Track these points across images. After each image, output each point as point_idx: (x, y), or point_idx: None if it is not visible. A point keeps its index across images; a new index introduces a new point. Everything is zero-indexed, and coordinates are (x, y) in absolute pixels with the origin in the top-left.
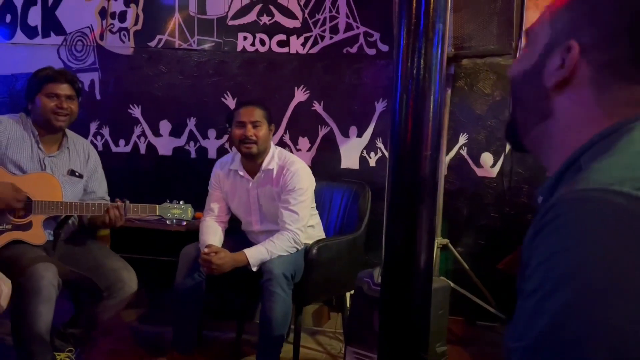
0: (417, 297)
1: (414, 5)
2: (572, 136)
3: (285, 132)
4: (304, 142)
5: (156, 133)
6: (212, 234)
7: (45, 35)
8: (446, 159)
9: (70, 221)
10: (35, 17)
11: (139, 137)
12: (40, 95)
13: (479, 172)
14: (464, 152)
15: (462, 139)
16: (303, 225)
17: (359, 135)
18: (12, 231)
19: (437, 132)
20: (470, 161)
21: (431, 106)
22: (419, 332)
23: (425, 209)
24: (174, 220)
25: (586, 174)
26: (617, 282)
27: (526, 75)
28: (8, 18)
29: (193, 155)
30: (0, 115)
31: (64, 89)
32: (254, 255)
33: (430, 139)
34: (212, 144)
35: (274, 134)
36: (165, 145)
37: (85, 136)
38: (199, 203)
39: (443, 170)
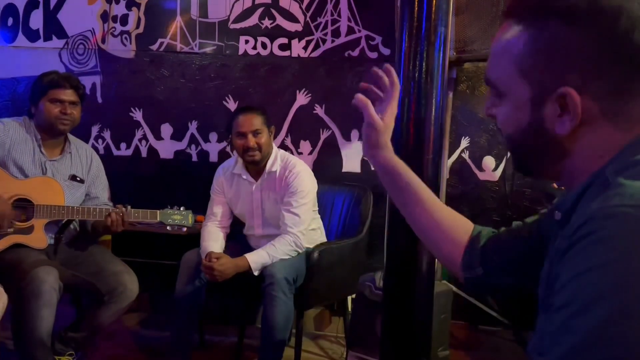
0: (419, 301)
1: (416, 8)
2: (595, 162)
3: (287, 136)
4: (305, 145)
5: (157, 136)
6: (214, 240)
7: (47, 38)
8: (448, 162)
9: (71, 225)
10: (37, 20)
11: (140, 140)
12: (45, 100)
13: (481, 175)
14: (465, 155)
15: (464, 143)
16: (304, 228)
17: (361, 138)
18: (13, 235)
19: (439, 136)
20: (472, 165)
21: (433, 110)
22: (421, 336)
23: None
24: (175, 227)
25: (620, 189)
26: None
27: (525, 132)
28: (10, 21)
29: (194, 158)
30: (3, 118)
31: (69, 94)
32: (256, 259)
33: (432, 142)
34: (213, 148)
35: (274, 135)
36: (166, 148)
37: (87, 139)
38: (200, 206)
39: (445, 174)
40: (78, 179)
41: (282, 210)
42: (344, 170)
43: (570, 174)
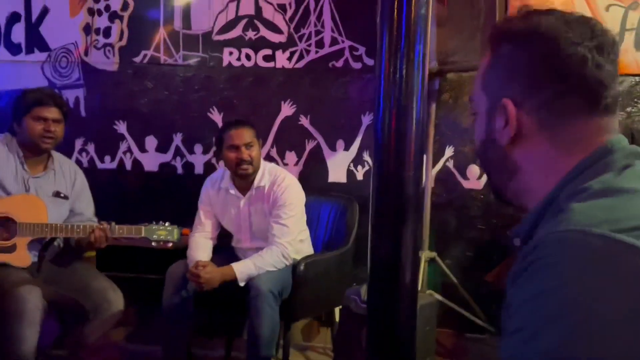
0: (403, 313)
1: (395, 27)
2: (543, 181)
3: (272, 147)
4: (291, 156)
5: (142, 149)
6: (201, 250)
7: (29, 51)
8: (433, 171)
9: (55, 242)
10: (19, 33)
11: (124, 153)
12: (28, 117)
13: (466, 184)
14: (450, 164)
15: (449, 152)
16: (292, 238)
17: (346, 148)
18: None
19: (419, 153)
20: (457, 173)
21: (413, 128)
22: (405, 348)
23: (409, 228)
24: (161, 242)
25: (568, 214)
26: (599, 324)
27: (483, 144)
28: None
29: (180, 170)
30: None
31: (53, 112)
32: (242, 269)
33: (413, 158)
34: (198, 159)
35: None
36: (151, 161)
37: (71, 153)
38: (186, 218)
39: (430, 183)
40: (62, 195)
41: (271, 222)
42: (330, 180)
43: (524, 192)
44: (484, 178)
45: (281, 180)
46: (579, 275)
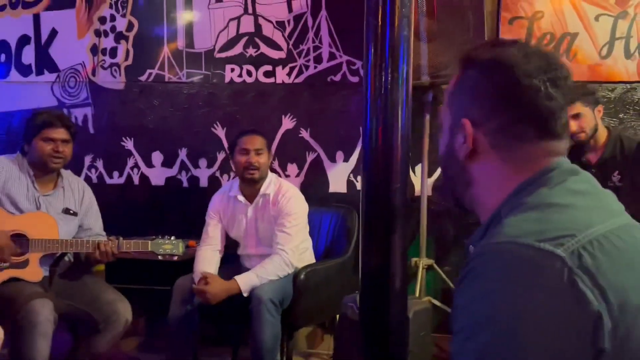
0: (394, 320)
1: (379, 48)
2: (493, 195)
3: (274, 159)
4: (292, 168)
5: (149, 164)
6: (208, 262)
7: (39, 72)
8: (430, 180)
9: (66, 257)
10: (29, 55)
11: (132, 168)
12: (37, 138)
13: None
14: None
15: None
16: (295, 245)
17: (346, 159)
18: (9, 269)
19: (404, 166)
20: None
21: (399, 143)
22: (398, 352)
23: (398, 237)
24: (166, 256)
25: (502, 227)
26: (523, 325)
27: (445, 156)
28: (2, 57)
29: (185, 184)
30: None
31: (61, 133)
32: (246, 281)
33: (399, 172)
34: (203, 173)
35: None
36: (157, 175)
37: (80, 169)
38: (191, 230)
39: (426, 192)
40: (71, 212)
41: (275, 231)
42: (330, 190)
43: (477, 205)
44: None
45: (285, 190)
46: (504, 282)
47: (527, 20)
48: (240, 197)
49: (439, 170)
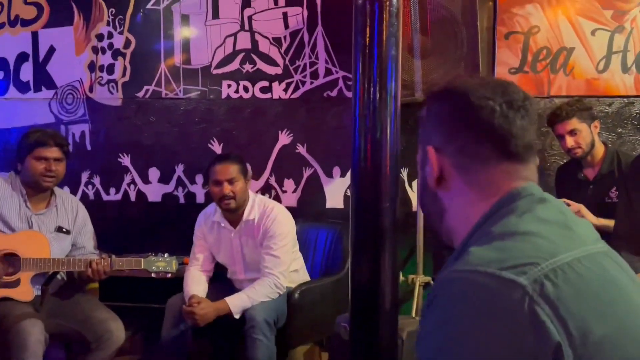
0: (384, 341)
1: (367, 67)
2: (463, 223)
3: (270, 175)
4: (289, 183)
5: (145, 180)
6: (196, 284)
7: (37, 89)
8: None
9: (58, 275)
10: (27, 72)
11: (129, 185)
12: (30, 157)
13: None
14: None
15: None
16: (284, 269)
17: (342, 175)
18: (0, 289)
19: (394, 185)
20: None
21: (387, 161)
22: None
23: (387, 256)
24: (160, 273)
25: (466, 256)
26: (475, 356)
27: (421, 192)
28: (1, 74)
29: (182, 200)
30: None
31: (53, 152)
32: (236, 303)
33: (388, 191)
34: (199, 189)
35: (258, 176)
36: (154, 191)
37: (77, 186)
38: (187, 247)
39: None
40: (64, 230)
41: (262, 253)
42: (327, 206)
43: (451, 233)
44: None
45: (270, 210)
46: (462, 311)
47: (523, 35)
48: (224, 223)
49: None
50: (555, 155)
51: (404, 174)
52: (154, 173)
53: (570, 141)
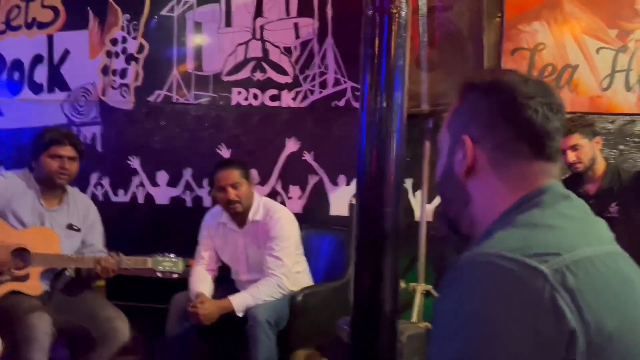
0: (384, 343)
1: (375, 77)
2: (489, 213)
3: (277, 181)
4: (295, 190)
5: (154, 183)
6: (202, 282)
7: (51, 91)
8: (429, 206)
9: (66, 272)
10: (41, 74)
11: (137, 187)
12: (45, 155)
13: None
14: None
15: None
16: (287, 270)
17: (348, 183)
18: (10, 282)
19: (397, 191)
20: None
21: (392, 168)
22: None
23: (389, 261)
24: (166, 273)
25: (489, 240)
26: (494, 336)
27: (443, 176)
28: (16, 76)
29: (189, 204)
30: (5, 171)
31: (68, 150)
32: (239, 301)
33: (391, 196)
34: (207, 193)
35: (264, 181)
36: (162, 194)
37: (87, 186)
38: (194, 249)
39: (426, 217)
40: (75, 227)
41: (265, 254)
42: (332, 213)
43: (475, 223)
44: None
45: (273, 213)
46: (485, 292)
47: (529, 52)
48: (230, 224)
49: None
50: None
51: (408, 183)
52: (162, 176)
53: (571, 156)
